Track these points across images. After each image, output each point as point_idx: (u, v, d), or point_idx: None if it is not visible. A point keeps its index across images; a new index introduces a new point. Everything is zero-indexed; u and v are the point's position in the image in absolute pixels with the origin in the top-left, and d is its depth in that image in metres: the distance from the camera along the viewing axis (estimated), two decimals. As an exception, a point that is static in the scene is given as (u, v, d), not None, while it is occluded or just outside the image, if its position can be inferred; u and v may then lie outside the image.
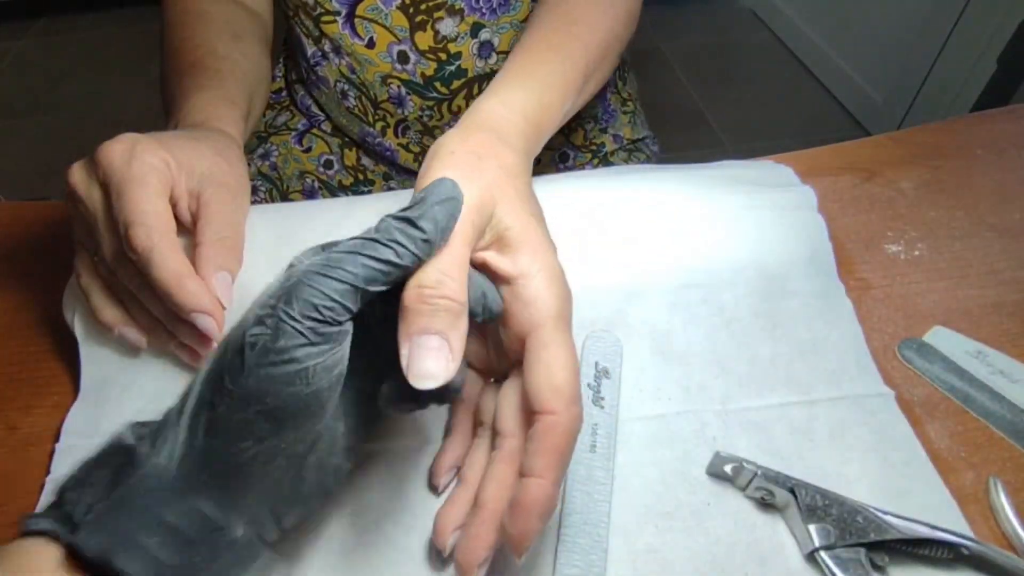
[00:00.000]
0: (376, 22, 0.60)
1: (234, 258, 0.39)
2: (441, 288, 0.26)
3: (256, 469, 0.26)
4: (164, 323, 0.38)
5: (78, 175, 0.37)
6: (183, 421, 0.26)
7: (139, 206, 0.34)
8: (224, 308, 0.36)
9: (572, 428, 0.27)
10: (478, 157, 0.32)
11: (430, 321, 0.26)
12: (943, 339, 0.42)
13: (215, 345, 0.34)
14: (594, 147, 0.75)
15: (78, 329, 0.40)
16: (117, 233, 0.35)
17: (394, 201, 0.43)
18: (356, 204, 0.46)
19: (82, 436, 0.39)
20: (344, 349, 0.26)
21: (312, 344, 0.24)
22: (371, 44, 0.61)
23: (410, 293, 0.26)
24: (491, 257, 0.31)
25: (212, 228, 0.37)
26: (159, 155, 0.37)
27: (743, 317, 0.42)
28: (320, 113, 0.73)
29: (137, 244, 0.34)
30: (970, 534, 0.33)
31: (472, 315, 0.28)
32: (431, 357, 0.25)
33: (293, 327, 0.24)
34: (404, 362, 0.26)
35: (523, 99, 0.39)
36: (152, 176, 0.36)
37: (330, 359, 0.25)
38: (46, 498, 0.36)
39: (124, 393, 0.39)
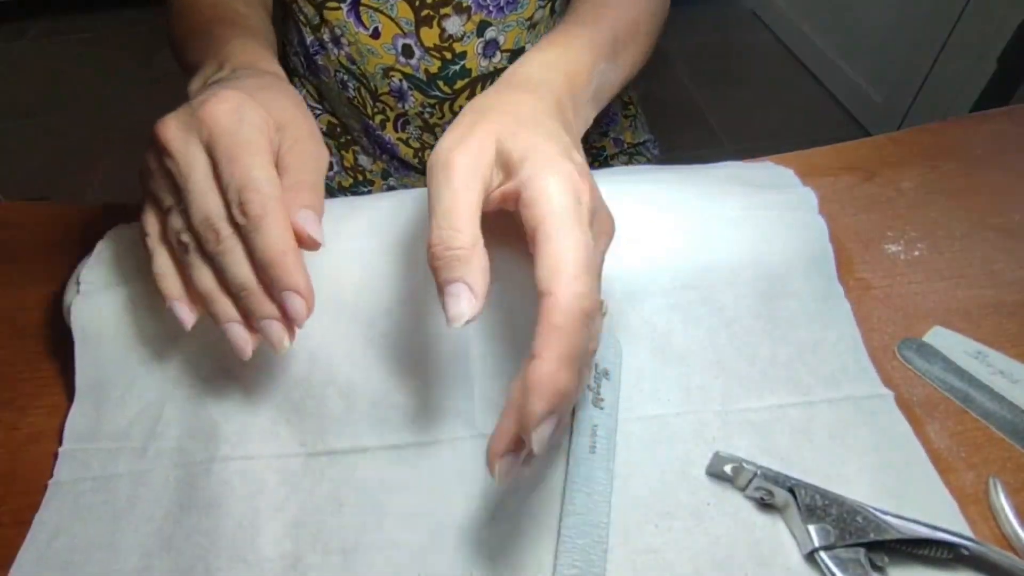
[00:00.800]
0: (382, 12, 0.60)
1: (317, 201, 0.36)
2: (448, 242, 0.29)
3: None
4: (241, 299, 0.34)
5: (174, 131, 0.35)
6: None
7: (252, 172, 0.33)
8: (317, 245, 0.35)
9: (570, 306, 0.27)
10: (479, 113, 0.34)
11: (447, 273, 0.29)
12: (943, 339, 0.42)
13: (297, 331, 0.34)
14: (595, 151, 0.75)
15: (76, 330, 0.40)
16: (215, 196, 0.34)
17: (395, 200, 0.43)
18: (357, 204, 0.46)
19: (85, 441, 0.39)
20: None
21: None
22: (376, 34, 0.61)
23: (428, 256, 0.29)
24: (502, 189, 0.32)
25: (291, 176, 0.36)
26: (262, 115, 0.35)
27: (743, 318, 0.42)
28: (317, 106, 0.72)
29: (251, 210, 0.32)
30: (970, 534, 0.33)
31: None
32: (456, 302, 0.28)
33: None
34: (444, 312, 0.29)
35: (546, 56, 0.41)
36: (263, 140, 0.35)
37: None
38: (47, 501, 0.37)
39: (125, 395, 0.40)
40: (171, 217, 0.36)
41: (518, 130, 0.32)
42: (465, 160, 0.31)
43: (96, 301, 0.40)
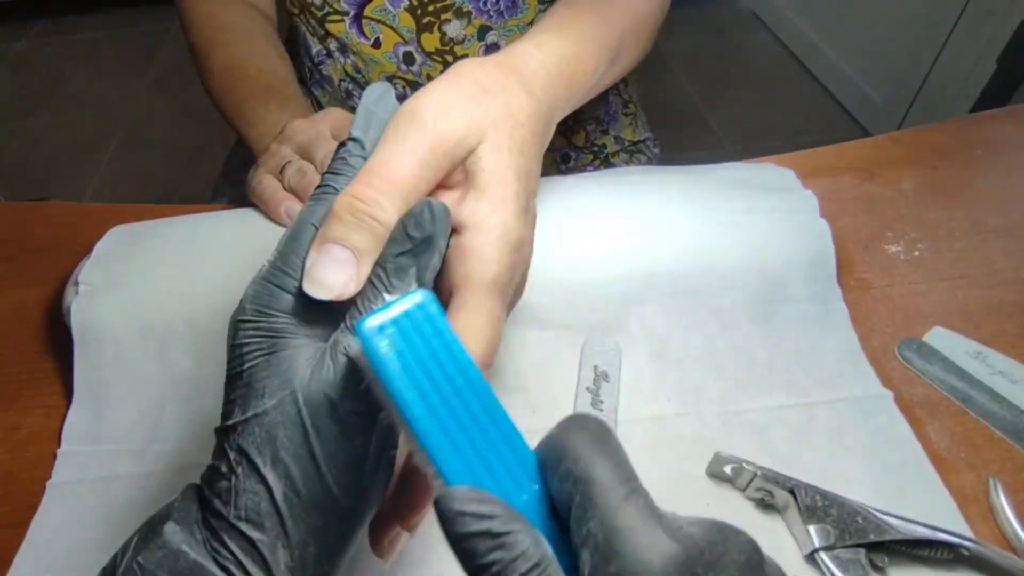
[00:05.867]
0: (383, 23, 0.60)
1: None
2: (373, 208, 0.25)
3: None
4: None
5: None
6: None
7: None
8: None
9: None
10: (483, 90, 0.30)
11: (348, 232, 0.24)
12: (943, 339, 0.42)
13: None
14: (595, 148, 0.75)
15: (75, 330, 0.40)
16: None
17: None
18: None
19: (83, 442, 0.39)
20: None
21: None
22: (377, 44, 0.61)
23: (342, 200, 0.25)
24: (450, 199, 0.28)
25: None
26: None
27: (741, 322, 0.42)
28: None
29: None
30: (970, 535, 0.33)
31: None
32: (335, 267, 0.24)
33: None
34: (308, 263, 0.24)
35: (559, 47, 0.37)
36: None
37: None
38: (46, 502, 0.37)
39: (125, 397, 0.39)
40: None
41: (502, 148, 0.29)
42: (441, 145, 0.27)
43: (96, 301, 0.40)
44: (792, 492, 0.33)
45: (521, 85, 0.32)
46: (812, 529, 0.32)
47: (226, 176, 0.75)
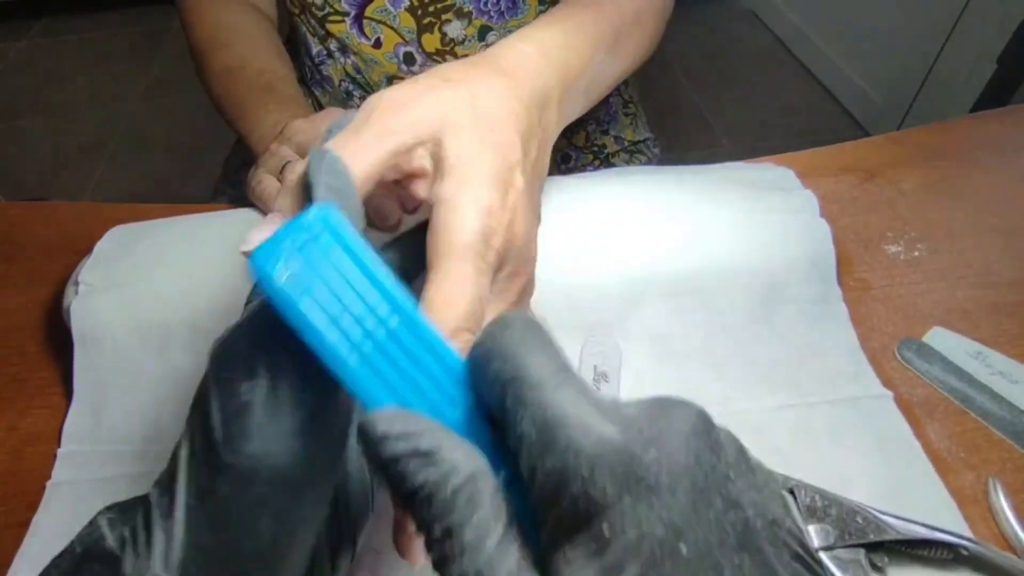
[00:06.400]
0: (384, 23, 0.60)
1: None
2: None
3: (281, 551, 0.22)
4: None
5: None
6: (177, 515, 0.21)
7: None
8: None
9: None
10: (445, 80, 0.29)
11: (282, 200, 0.25)
12: (942, 340, 0.42)
13: None
14: (596, 148, 0.75)
15: (74, 330, 0.40)
16: None
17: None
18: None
19: (83, 442, 0.39)
20: None
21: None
22: (378, 44, 0.61)
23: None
24: (415, 184, 0.28)
25: None
26: None
27: (741, 322, 0.42)
28: None
29: None
30: (969, 535, 0.33)
31: None
32: (262, 229, 0.23)
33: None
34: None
35: (547, 36, 0.36)
36: None
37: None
38: (46, 502, 0.37)
39: (124, 397, 0.39)
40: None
41: (466, 128, 0.28)
42: (396, 121, 0.27)
43: (95, 301, 0.40)
44: (792, 492, 0.33)
45: (496, 71, 0.31)
46: (812, 529, 0.32)
47: (226, 176, 0.75)
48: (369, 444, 0.17)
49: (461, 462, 0.16)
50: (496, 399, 0.18)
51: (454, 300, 0.24)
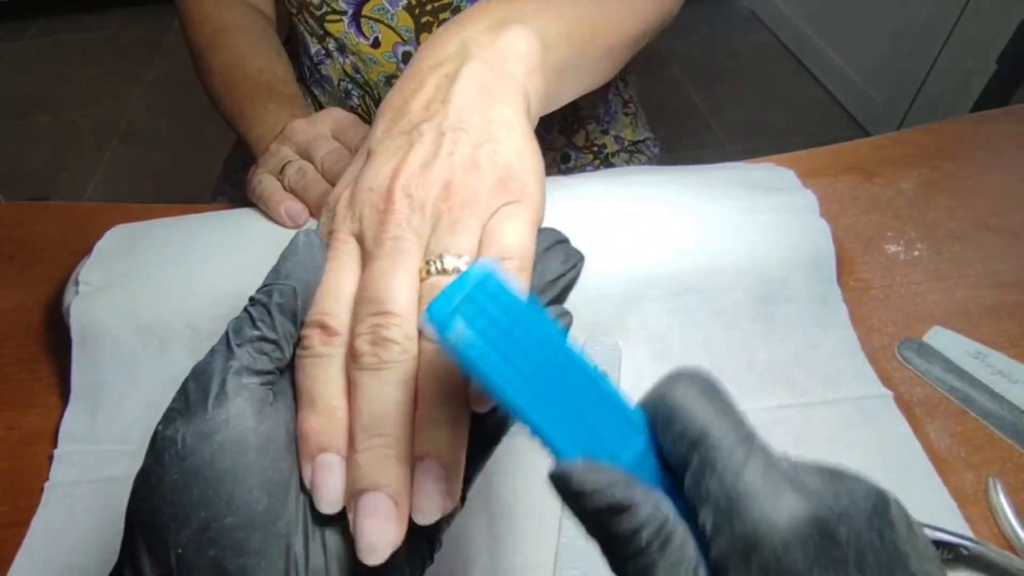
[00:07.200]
0: (382, 22, 0.60)
1: None
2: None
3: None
4: None
5: None
6: None
7: None
8: None
9: None
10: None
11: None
12: (943, 339, 0.42)
13: None
14: (595, 148, 0.75)
15: (74, 330, 0.40)
16: None
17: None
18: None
19: (81, 442, 0.39)
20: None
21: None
22: (376, 44, 0.61)
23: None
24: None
25: None
26: None
27: (741, 322, 0.42)
28: None
29: None
30: (970, 534, 0.33)
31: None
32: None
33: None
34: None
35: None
36: None
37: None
38: (45, 502, 0.37)
39: (123, 397, 0.39)
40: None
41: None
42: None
43: (95, 301, 0.40)
44: (792, 492, 0.33)
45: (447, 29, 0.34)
46: (812, 529, 0.32)
47: (226, 176, 0.75)
48: (567, 497, 0.19)
49: (653, 513, 0.18)
50: (679, 457, 0.19)
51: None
